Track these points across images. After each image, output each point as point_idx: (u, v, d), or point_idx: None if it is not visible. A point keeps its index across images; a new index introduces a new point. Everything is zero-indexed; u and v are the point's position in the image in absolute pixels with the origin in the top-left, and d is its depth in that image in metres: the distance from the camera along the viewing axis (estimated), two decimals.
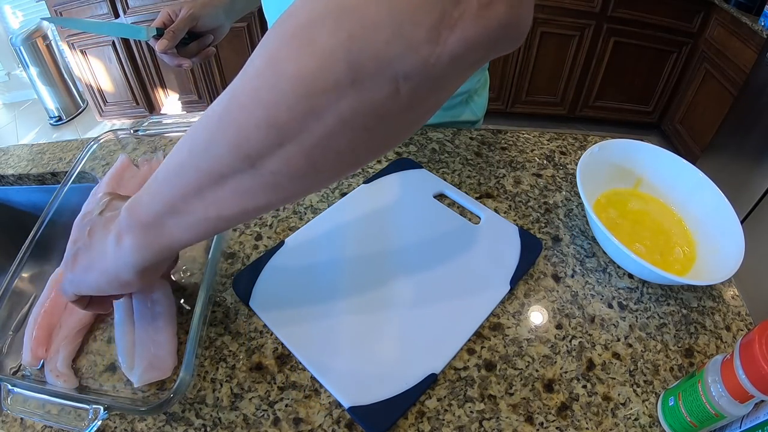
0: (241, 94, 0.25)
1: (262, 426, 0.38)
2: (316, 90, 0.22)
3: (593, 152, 0.54)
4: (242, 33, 2.12)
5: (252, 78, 0.24)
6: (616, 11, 1.99)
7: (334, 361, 0.41)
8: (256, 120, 0.24)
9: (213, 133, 0.26)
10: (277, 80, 0.22)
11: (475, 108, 0.74)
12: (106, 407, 0.35)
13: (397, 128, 0.26)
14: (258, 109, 0.24)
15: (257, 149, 0.25)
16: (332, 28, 0.21)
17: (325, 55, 0.21)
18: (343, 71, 0.21)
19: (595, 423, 0.39)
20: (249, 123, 0.24)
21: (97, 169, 0.59)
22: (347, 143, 0.25)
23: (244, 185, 0.27)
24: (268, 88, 0.23)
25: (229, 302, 0.46)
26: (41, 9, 2.33)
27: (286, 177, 0.26)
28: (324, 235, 0.51)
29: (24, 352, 0.41)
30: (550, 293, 0.47)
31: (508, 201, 0.57)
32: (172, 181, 0.29)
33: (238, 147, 0.25)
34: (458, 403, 0.39)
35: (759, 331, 0.31)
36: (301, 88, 0.22)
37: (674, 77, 2.16)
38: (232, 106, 0.25)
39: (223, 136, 0.25)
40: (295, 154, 0.25)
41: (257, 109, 0.24)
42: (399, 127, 0.26)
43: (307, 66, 0.22)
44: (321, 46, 0.21)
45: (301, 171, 0.26)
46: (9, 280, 0.43)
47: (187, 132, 0.29)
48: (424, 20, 0.20)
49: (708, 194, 0.52)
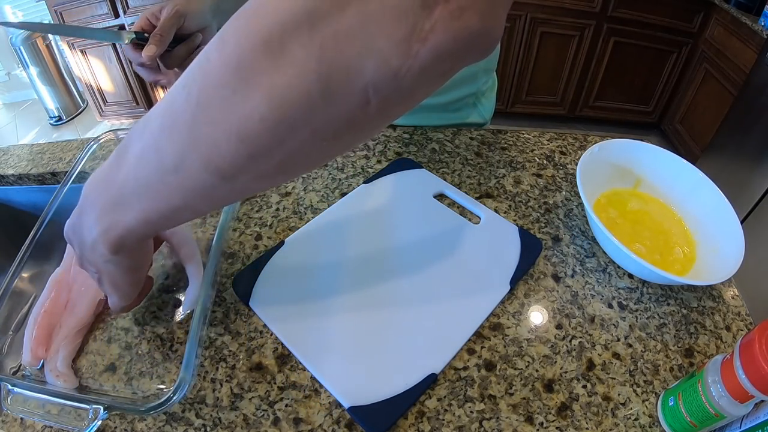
0: (208, 105, 0.23)
1: (262, 426, 0.38)
2: (290, 102, 0.22)
3: (593, 152, 0.54)
4: None
5: (219, 86, 0.23)
6: (616, 11, 1.99)
7: (334, 361, 0.41)
8: (227, 134, 0.23)
9: (182, 147, 0.25)
10: (249, 91, 0.22)
11: (482, 110, 0.74)
12: (106, 407, 0.35)
13: (365, 134, 0.26)
14: (229, 122, 0.23)
15: (229, 163, 0.24)
16: (305, 38, 0.20)
17: (297, 66, 0.21)
18: (314, 83, 0.21)
19: (595, 423, 0.39)
20: (220, 137, 0.23)
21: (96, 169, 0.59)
22: (317, 151, 0.25)
23: (214, 193, 0.27)
24: (239, 100, 0.22)
25: (229, 302, 0.46)
26: (41, 9, 2.33)
27: (255, 182, 0.26)
28: (324, 235, 0.51)
29: (24, 352, 0.41)
30: (550, 293, 0.47)
31: (508, 201, 0.57)
32: (145, 196, 0.28)
33: (212, 164, 0.24)
34: (458, 403, 0.39)
35: (759, 331, 0.31)
36: (274, 99, 0.22)
37: (674, 77, 2.16)
38: (201, 119, 0.23)
39: (197, 153, 0.24)
40: (266, 164, 0.25)
41: (228, 123, 0.23)
42: (366, 132, 0.26)
43: (280, 78, 0.21)
44: (293, 56, 0.21)
45: (270, 176, 0.26)
46: (9, 280, 0.43)
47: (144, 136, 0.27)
48: (396, 32, 0.20)
49: (708, 194, 0.52)
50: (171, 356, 0.42)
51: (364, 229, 0.52)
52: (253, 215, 0.55)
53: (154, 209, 0.28)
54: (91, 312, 0.44)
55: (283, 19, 0.21)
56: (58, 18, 2.18)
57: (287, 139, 0.23)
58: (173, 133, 0.25)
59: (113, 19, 2.13)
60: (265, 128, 0.22)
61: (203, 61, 0.24)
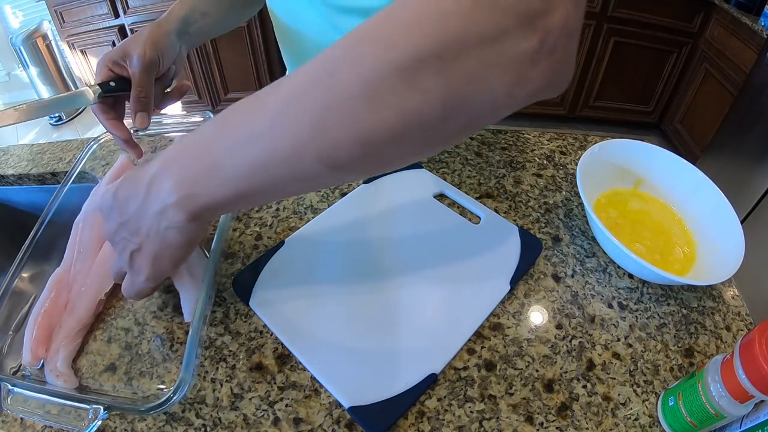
0: (338, 111, 0.26)
1: (262, 426, 0.38)
2: (412, 122, 0.26)
3: (593, 152, 0.54)
4: (242, 33, 2.12)
5: (352, 98, 0.26)
6: (616, 11, 1.99)
7: (334, 361, 0.41)
8: (352, 139, 0.27)
9: (304, 141, 0.27)
10: (380, 107, 0.25)
11: None
12: (106, 407, 0.35)
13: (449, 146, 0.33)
14: (355, 129, 0.26)
15: (345, 161, 0.28)
16: (435, 73, 0.24)
17: (427, 94, 0.25)
18: (437, 109, 0.25)
19: (595, 423, 0.39)
20: (344, 141, 0.27)
21: (97, 169, 0.59)
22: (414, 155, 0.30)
23: (317, 182, 0.31)
24: (369, 112, 0.26)
25: (229, 302, 0.46)
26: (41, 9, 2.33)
27: (356, 174, 0.31)
28: (324, 235, 0.51)
29: (24, 352, 0.41)
30: (550, 293, 0.47)
31: (508, 201, 0.57)
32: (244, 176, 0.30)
33: (328, 158, 0.28)
34: (458, 403, 0.39)
35: (759, 331, 0.31)
36: (401, 118, 0.26)
37: (674, 77, 2.16)
38: (329, 122, 0.27)
39: (315, 147, 0.27)
40: (373, 163, 0.30)
41: (354, 129, 0.26)
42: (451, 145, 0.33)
43: (410, 101, 0.25)
44: (424, 86, 0.25)
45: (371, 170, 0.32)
46: (9, 280, 0.43)
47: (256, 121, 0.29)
48: (507, 78, 0.25)
49: (708, 194, 0.52)
50: (171, 356, 0.42)
51: (364, 229, 0.52)
52: (253, 215, 0.55)
53: (250, 186, 0.30)
54: (91, 312, 0.44)
55: (417, 54, 0.24)
56: (58, 18, 2.18)
57: (399, 146, 0.28)
58: (294, 126, 0.27)
59: (113, 19, 2.13)
60: (387, 137, 0.26)
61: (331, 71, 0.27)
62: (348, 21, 0.53)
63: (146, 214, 0.34)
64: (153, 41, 0.49)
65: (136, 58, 0.48)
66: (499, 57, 0.24)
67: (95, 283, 0.45)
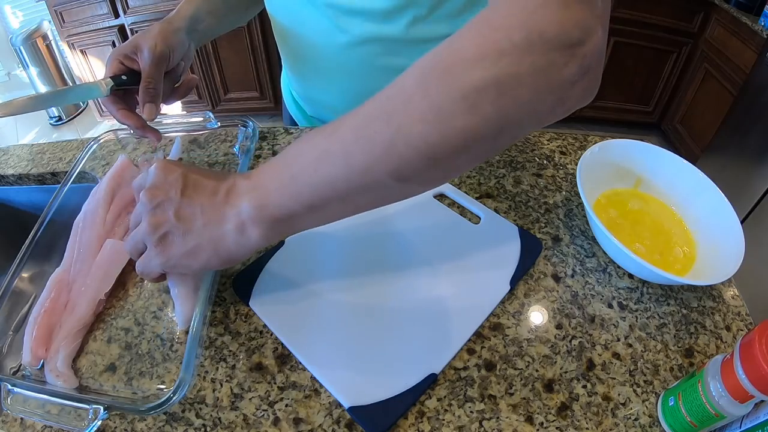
0: (408, 132, 0.30)
1: (262, 426, 0.38)
2: (473, 139, 0.30)
3: (593, 152, 0.54)
4: (242, 32, 2.12)
5: (421, 121, 0.30)
6: (616, 11, 1.99)
7: (334, 361, 0.41)
8: (420, 155, 0.30)
9: (377, 158, 0.31)
10: (446, 128, 0.29)
11: None
12: (106, 407, 0.35)
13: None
14: (423, 147, 0.30)
15: (413, 174, 0.32)
16: (493, 99, 0.28)
17: (486, 118, 0.29)
18: (493, 129, 0.30)
19: (595, 423, 0.39)
20: (413, 157, 0.30)
21: (97, 169, 0.59)
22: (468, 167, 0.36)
23: (383, 193, 0.34)
24: (436, 134, 0.29)
25: (229, 302, 0.46)
26: (41, 9, 2.33)
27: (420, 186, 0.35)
28: (324, 236, 0.51)
29: (24, 352, 0.41)
30: (550, 293, 0.47)
31: (508, 201, 0.57)
32: (317, 187, 0.33)
33: (397, 172, 0.31)
34: (458, 403, 0.39)
35: (759, 331, 0.31)
36: (465, 137, 0.30)
37: (674, 77, 2.16)
38: (399, 142, 0.30)
39: (386, 163, 0.31)
40: (436, 176, 0.34)
41: (422, 148, 0.30)
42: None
43: (470, 123, 0.29)
44: (484, 111, 0.29)
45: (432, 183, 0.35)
46: (9, 280, 0.43)
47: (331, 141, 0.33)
48: (550, 101, 0.29)
49: (708, 194, 0.52)
50: (171, 356, 0.42)
51: (363, 229, 0.52)
52: None
53: (320, 198, 0.33)
54: (91, 312, 0.44)
55: (477, 84, 0.28)
56: (58, 18, 2.18)
57: (458, 160, 0.32)
58: (368, 145, 0.31)
59: (113, 19, 2.13)
60: (449, 153, 0.30)
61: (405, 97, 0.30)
62: (353, 22, 0.53)
63: (213, 209, 0.35)
64: (164, 36, 0.50)
65: (147, 50, 0.49)
66: (547, 84, 0.29)
67: (95, 283, 0.45)
